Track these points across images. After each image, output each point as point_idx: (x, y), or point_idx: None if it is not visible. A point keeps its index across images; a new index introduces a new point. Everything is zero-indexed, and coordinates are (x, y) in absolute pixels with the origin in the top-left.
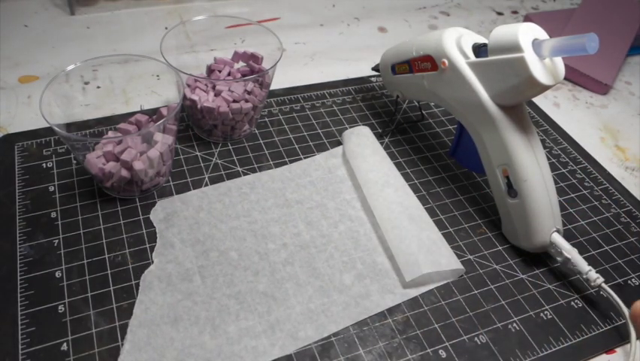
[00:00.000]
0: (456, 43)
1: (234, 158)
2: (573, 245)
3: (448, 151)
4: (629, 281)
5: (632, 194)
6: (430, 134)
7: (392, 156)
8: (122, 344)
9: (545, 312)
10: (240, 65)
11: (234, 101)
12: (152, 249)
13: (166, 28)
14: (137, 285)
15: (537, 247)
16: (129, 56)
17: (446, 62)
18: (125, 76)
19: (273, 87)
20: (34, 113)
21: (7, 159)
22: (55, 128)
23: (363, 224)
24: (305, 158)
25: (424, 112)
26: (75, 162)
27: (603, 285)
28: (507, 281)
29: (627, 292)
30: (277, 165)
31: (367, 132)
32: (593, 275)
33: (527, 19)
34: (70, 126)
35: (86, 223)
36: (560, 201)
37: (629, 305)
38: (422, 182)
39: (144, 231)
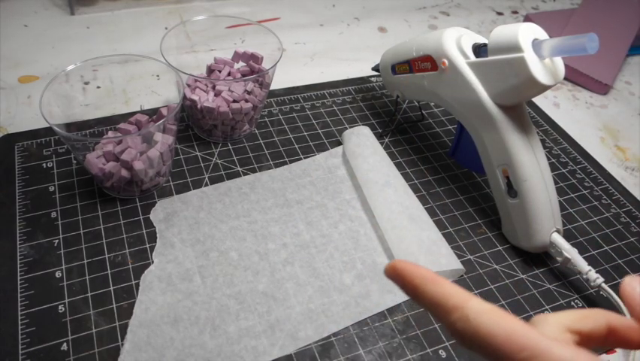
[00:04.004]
0: (456, 43)
1: (234, 158)
2: (573, 245)
3: (448, 151)
4: None
5: (632, 194)
6: (430, 134)
7: (392, 156)
8: (122, 344)
9: (545, 312)
10: (240, 65)
11: (234, 101)
12: (152, 249)
13: (166, 28)
14: (137, 285)
15: (537, 247)
16: (129, 56)
17: (446, 62)
18: (125, 76)
19: (273, 87)
20: (34, 113)
21: (7, 159)
22: (55, 128)
23: (363, 224)
24: (305, 158)
25: (424, 112)
26: (75, 162)
27: (603, 285)
28: (507, 281)
29: None
30: (277, 165)
31: (367, 132)
32: (593, 275)
33: (527, 19)
34: (70, 126)
35: (86, 223)
36: (560, 201)
37: None
38: (422, 182)
39: (144, 231)
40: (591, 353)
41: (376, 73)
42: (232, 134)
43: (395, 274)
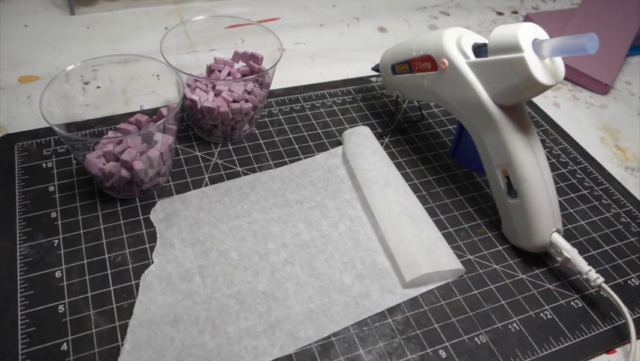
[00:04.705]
0: (456, 43)
1: (234, 158)
2: (573, 245)
3: (448, 151)
4: (629, 281)
5: (632, 194)
6: (430, 134)
7: (392, 156)
8: (122, 344)
9: (545, 312)
10: (240, 65)
11: (234, 101)
12: (152, 249)
13: (166, 28)
14: (137, 285)
15: (537, 247)
16: (129, 56)
17: (446, 62)
18: (125, 76)
19: (273, 87)
20: (34, 113)
21: (7, 159)
22: (55, 128)
23: (363, 224)
24: (305, 158)
25: (424, 112)
26: (75, 162)
27: (603, 285)
28: (507, 281)
29: (627, 292)
30: (277, 165)
31: (367, 132)
32: (593, 275)
33: (527, 19)
34: (70, 126)
35: (86, 223)
36: (560, 201)
37: (629, 305)
38: (422, 182)
39: (144, 231)
40: None
41: (376, 73)
42: (232, 134)
43: None
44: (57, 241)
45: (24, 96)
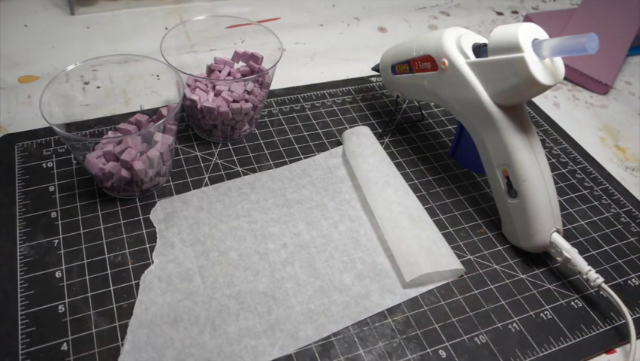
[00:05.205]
0: (456, 43)
1: (234, 158)
2: (573, 245)
3: (448, 151)
4: (629, 281)
5: (632, 194)
6: (430, 134)
7: (392, 156)
8: (122, 344)
9: (545, 312)
10: (240, 65)
11: (234, 101)
12: (152, 249)
13: (166, 28)
14: (137, 285)
15: (537, 247)
16: (129, 56)
17: (446, 62)
18: (125, 76)
19: (273, 87)
20: (34, 113)
21: (7, 159)
22: (55, 128)
23: (363, 224)
24: (305, 158)
25: (424, 112)
26: (75, 162)
27: (603, 285)
28: (507, 281)
29: (627, 292)
30: (277, 165)
31: (367, 132)
32: (593, 275)
33: (527, 19)
34: (70, 126)
35: (86, 223)
36: (560, 201)
37: (629, 305)
38: (422, 182)
39: (144, 231)
40: None
41: (376, 73)
42: (232, 134)
43: None
44: (57, 241)
45: (24, 96)
